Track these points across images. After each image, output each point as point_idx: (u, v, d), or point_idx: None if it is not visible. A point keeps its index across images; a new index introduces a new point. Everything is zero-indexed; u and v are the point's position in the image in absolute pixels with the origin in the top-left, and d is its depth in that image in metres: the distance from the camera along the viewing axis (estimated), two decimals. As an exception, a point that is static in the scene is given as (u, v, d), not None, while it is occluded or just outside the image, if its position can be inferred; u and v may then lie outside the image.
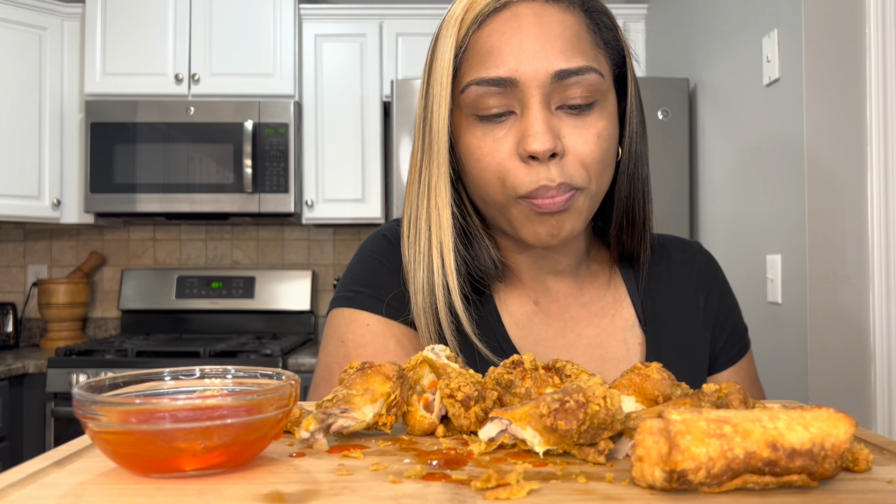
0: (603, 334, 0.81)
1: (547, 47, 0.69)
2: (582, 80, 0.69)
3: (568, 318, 0.82)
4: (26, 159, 2.77)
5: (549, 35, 0.69)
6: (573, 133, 0.70)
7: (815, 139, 1.66)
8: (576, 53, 0.69)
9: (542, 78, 0.68)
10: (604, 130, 0.71)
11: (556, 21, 0.70)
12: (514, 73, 0.68)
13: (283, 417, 0.45)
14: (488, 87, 0.69)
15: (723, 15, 2.19)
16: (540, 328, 0.81)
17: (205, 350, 2.51)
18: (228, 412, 0.42)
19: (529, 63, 0.68)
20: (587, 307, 0.82)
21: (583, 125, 0.70)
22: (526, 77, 0.68)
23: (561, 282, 0.82)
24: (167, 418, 0.41)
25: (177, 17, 2.82)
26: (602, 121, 0.71)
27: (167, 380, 0.51)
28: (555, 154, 0.68)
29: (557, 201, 0.69)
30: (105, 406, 0.42)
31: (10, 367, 2.44)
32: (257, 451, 0.45)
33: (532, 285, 0.82)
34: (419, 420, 0.54)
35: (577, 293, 0.83)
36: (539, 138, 0.67)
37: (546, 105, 0.69)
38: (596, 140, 0.70)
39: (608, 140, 0.71)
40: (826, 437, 0.39)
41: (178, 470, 0.42)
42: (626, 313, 0.83)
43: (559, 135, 0.69)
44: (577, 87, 0.69)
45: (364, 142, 2.88)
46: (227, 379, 0.52)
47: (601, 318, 0.82)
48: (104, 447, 0.42)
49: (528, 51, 0.69)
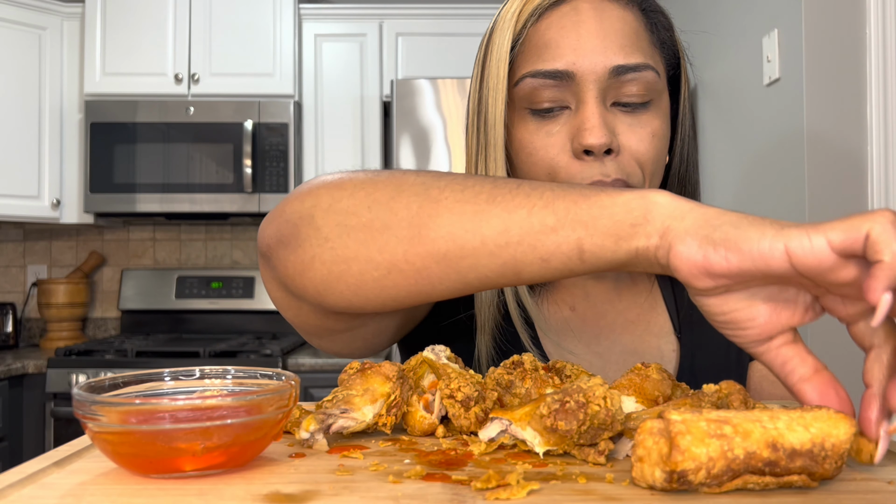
0: (637, 342, 0.79)
1: (606, 42, 0.68)
2: (639, 77, 0.68)
3: (604, 325, 0.80)
4: (26, 159, 2.77)
5: (608, 30, 0.68)
6: (628, 131, 0.69)
7: (815, 139, 1.66)
8: (634, 50, 0.68)
9: (600, 72, 0.67)
10: (658, 130, 0.70)
11: (615, 17, 0.69)
12: (571, 66, 0.68)
13: (283, 418, 0.45)
14: (544, 80, 0.68)
15: (723, 15, 2.19)
16: (575, 334, 0.79)
17: (205, 350, 2.51)
18: (228, 412, 0.42)
19: (587, 57, 0.67)
20: (623, 314, 0.80)
21: (638, 123, 0.69)
22: (583, 70, 0.67)
23: (601, 286, 0.80)
24: (167, 418, 0.41)
25: (177, 17, 2.82)
26: (657, 120, 0.70)
27: (167, 380, 0.51)
28: (610, 150, 0.67)
29: None
30: (105, 406, 0.42)
31: (9, 367, 2.44)
32: (257, 452, 0.45)
33: (571, 290, 0.81)
34: (419, 420, 0.54)
35: (615, 299, 0.81)
36: (595, 132, 0.66)
37: (602, 100, 0.68)
38: (651, 139, 0.69)
39: (662, 140, 0.71)
40: (826, 437, 0.39)
41: (178, 470, 0.42)
42: (661, 320, 0.81)
43: (614, 131, 0.68)
44: (633, 84, 0.68)
45: (364, 142, 2.88)
46: (227, 379, 0.52)
47: (636, 326, 0.80)
48: (104, 447, 0.42)
49: (586, 45, 0.68)
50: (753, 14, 1.96)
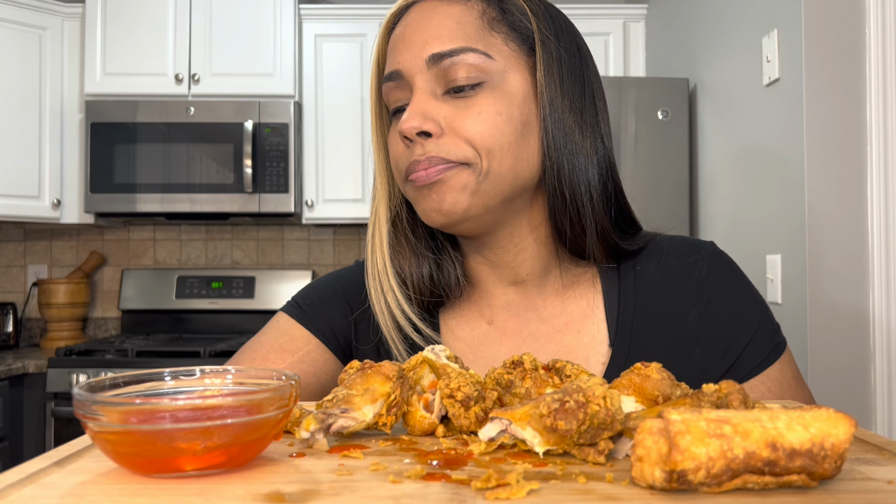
0: (563, 351, 0.77)
1: (424, 36, 0.72)
2: (459, 61, 0.70)
3: (527, 334, 0.78)
4: (26, 159, 2.77)
5: (427, 26, 0.73)
6: (454, 113, 0.71)
7: (814, 139, 1.66)
8: (452, 37, 0.71)
9: (420, 64, 0.72)
10: (489, 107, 0.71)
11: (437, 13, 0.73)
12: (398, 65, 0.73)
13: (283, 417, 0.45)
14: (387, 83, 0.75)
15: (723, 15, 2.19)
16: (492, 348, 0.78)
17: (205, 350, 2.51)
18: (228, 412, 0.42)
19: (408, 53, 0.73)
20: (549, 322, 0.78)
21: (465, 105, 0.71)
22: (407, 67, 0.73)
23: (522, 293, 0.79)
24: (167, 418, 0.41)
25: (177, 17, 2.82)
26: (489, 99, 0.71)
27: (167, 380, 0.51)
28: (429, 134, 0.71)
29: (429, 173, 0.71)
30: (105, 406, 0.42)
31: (10, 367, 2.44)
32: (257, 451, 0.45)
33: (489, 300, 0.80)
34: (419, 420, 0.54)
35: (539, 306, 0.79)
36: (407, 118, 0.71)
37: (429, 91, 0.72)
38: (477, 115, 0.70)
39: (496, 117, 0.71)
40: (826, 437, 0.39)
41: (179, 470, 0.42)
42: (595, 329, 0.78)
43: (437, 117, 0.71)
44: (456, 69, 0.71)
45: (364, 142, 2.89)
46: (228, 379, 0.52)
47: (564, 335, 0.78)
48: (104, 447, 0.42)
49: (408, 43, 0.73)
50: (753, 14, 1.96)
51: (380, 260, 0.78)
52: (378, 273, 0.78)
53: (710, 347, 0.77)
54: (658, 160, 2.39)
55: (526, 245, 0.77)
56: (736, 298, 0.79)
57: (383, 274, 0.77)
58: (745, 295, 0.80)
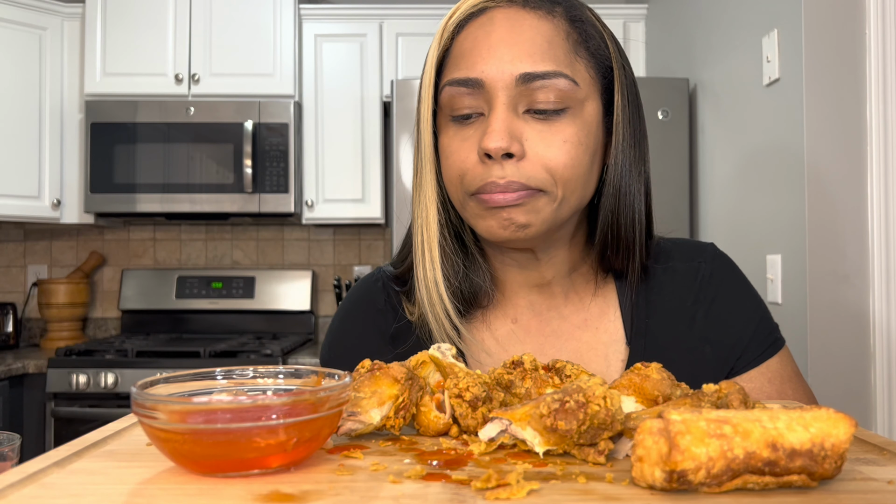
0: (584, 348, 0.79)
1: (514, 51, 0.70)
2: (549, 85, 0.69)
3: (549, 332, 0.81)
4: (26, 159, 2.77)
5: (517, 39, 0.71)
6: (537, 137, 0.70)
7: (814, 139, 1.66)
8: (545, 58, 0.70)
9: (507, 80, 0.70)
10: (572, 136, 0.70)
11: (527, 26, 0.71)
12: (481, 74, 0.70)
13: (339, 414, 0.47)
14: (459, 88, 0.72)
15: (723, 15, 2.19)
16: (517, 346, 0.80)
17: (205, 350, 2.51)
18: (305, 409, 0.43)
19: (495, 65, 0.70)
20: (568, 319, 0.81)
21: (549, 130, 0.70)
22: (491, 78, 0.70)
23: (545, 294, 0.81)
24: (268, 416, 0.42)
25: (177, 17, 2.82)
26: (572, 127, 0.71)
27: (219, 378, 0.53)
28: (512, 155, 0.69)
29: (508, 197, 0.69)
30: (163, 404, 0.43)
31: (10, 367, 2.44)
32: (319, 447, 0.47)
33: (514, 300, 0.82)
34: (433, 420, 0.53)
35: (560, 305, 0.81)
36: (494, 136, 0.68)
37: (512, 108, 0.70)
38: (561, 145, 0.70)
39: (578, 147, 0.71)
40: (826, 437, 0.39)
41: (265, 467, 0.43)
42: (613, 327, 0.80)
43: (521, 137, 0.70)
44: (544, 92, 0.70)
45: (364, 142, 2.89)
46: (280, 379, 0.54)
47: (583, 331, 0.80)
48: (165, 447, 0.43)
49: (495, 53, 0.70)
50: (753, 14, 1.96)
51: (429, 268, 0.76)
52: (427, 282, 0.76)
53: (717, 345, 0.80)
54: (658, 160, 2.39)
55: (559, 253, 0.79)
56: (737, 297, 0.83)
57: (432, 282, 0.76)
58: (745, 294, 0.84)
